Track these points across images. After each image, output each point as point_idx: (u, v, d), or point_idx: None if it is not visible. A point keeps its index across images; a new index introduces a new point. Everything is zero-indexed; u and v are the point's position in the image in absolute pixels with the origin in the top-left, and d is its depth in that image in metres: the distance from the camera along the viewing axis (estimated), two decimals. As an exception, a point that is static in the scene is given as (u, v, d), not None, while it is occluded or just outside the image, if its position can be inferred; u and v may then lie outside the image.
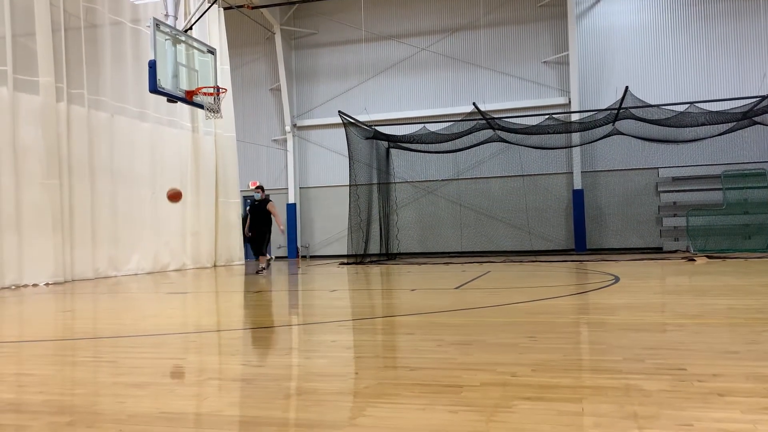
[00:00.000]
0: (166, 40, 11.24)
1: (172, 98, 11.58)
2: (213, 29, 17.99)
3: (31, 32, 12.18)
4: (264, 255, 13.55)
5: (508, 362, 3.57)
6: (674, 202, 19.02)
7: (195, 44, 12.32)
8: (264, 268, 13.42)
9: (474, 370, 3.40)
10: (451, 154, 19.56)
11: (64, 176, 12.85)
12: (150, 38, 10.97)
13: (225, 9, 19.29)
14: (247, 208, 13.62)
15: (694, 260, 13.80)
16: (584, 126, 17.62)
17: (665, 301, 6.69)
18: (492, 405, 2.68)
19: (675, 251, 18.11)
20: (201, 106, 12.28)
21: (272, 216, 13.36)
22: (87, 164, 13.57)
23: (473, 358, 3.74)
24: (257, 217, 13.36)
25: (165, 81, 11.08)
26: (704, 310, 5.60)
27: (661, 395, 2.75)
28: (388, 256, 19.33)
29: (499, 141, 18.67)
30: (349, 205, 17.48)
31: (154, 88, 10.82)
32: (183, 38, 11.82)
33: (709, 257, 14.41)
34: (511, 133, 17.93)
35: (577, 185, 19.74)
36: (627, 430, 2.28)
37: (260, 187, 13.62)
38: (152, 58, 10.81)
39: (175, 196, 12.19)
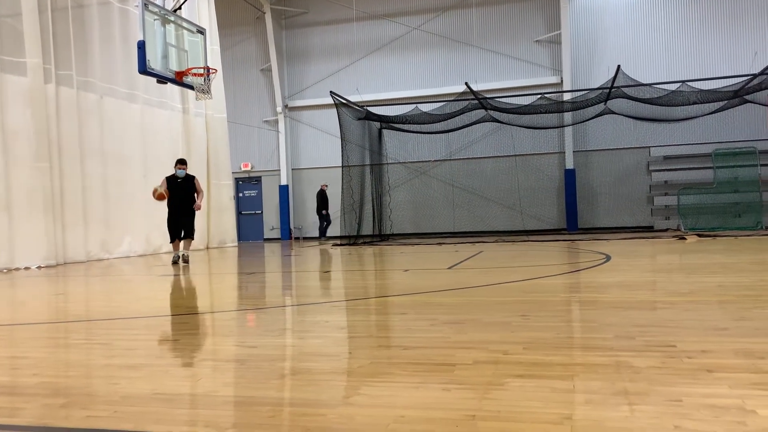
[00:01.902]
0: (155, 20, 11.10)
1: (161, 79, 11.47)
2: (202, 9, 17.78)
3: (17, 12, 12.00)
4: (192, 239, 11.81)
5: (501, 340, 3.60)
6: (665, 181, 19.09)
7: (184, 24, 12.18)
8: (188, 258, 11.61)
9: (467, 348, 3.43)
10: (443, 134, 19.51)
11: (54, 159, 12.75)
12: (139, 18, 10.83)
13: (214, -12, 19.05)
14: (161, 185, 11.31)
15: (685, 239, 13.89)
16: (576, 105, 17.61)
17: (656, 280, 6.75)
18: (485, 383, 2.71)
19: (666, 230, 18.21)
20: (191, 87, 12.17)
21: (196, 194, 11.62)
22: (77, 146, 13.47)
23: (466, 336, 3.77)
24: (184, 197, 11.37)
25: (154, 62, 10.96)
26: (694, 288, 5.65)
27: (651, 372, 2.78)
28: (381, 237, 19.36)
29: (492, 121, 18.64)
30: (342, 186, 17.45)
31: (144, 69, 10.72)
32: (172, 18, 11.68)
33: (699, 235, 14.50)
34: (504, 112, 17.89)
35: (569, 165, 19.76)
36: (617, 407, 2.32)
37: (183, 161, 11.67)
38: (141, 38, 10.68)
39: (161, 197, 11.16)
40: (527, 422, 2.20)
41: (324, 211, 20.16)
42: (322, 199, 20.23)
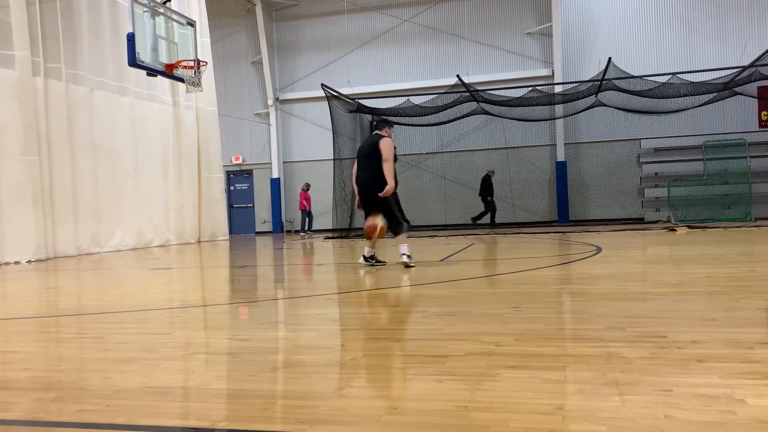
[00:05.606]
0: (144, 12, 11.03)
1: (151, 72, 11.41)
2: (192, 1, 17.66)
3: (4, 5, 11.88)
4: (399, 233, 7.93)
5: (493, 332, 3.61)
6: (656, 173, 19.17)
7: (174, 16, 12.10)
8: (377, 260, 8.33)
9: (459, 340, 3.44)
10: (435, 127, 19.51)
11: (44, 152, 12.66)
12: (128, 10, 10.75)
13: (204, -20, 18.90)
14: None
15: (675, 230, 13.96)
16: (567, 98, 17.64)
17: (646, 271, 6.78)
18: (477, 374, 2.72)
19: (656, 221, 18.31)
20: (181, 80, 12.11)
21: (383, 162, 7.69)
22: (67, 140, 13.37)
23: (458, 328, 3.78)
24: (368, 168, 7.86)
25: (144, 54, 10.89)
26: (684, 279, 5.69)
27: (642, 362, 2.80)
28: (373, 229, 19.30)
29: (483, 113, 18.64)
30: (334, 179, 17.43)
31: (134, 62, 10.65)
32: (162, 10, 11.60)
33: (689, 227, 14.59)
34: (495, 105, 17.91)
35: (560, 157, 19.81)
36: (608, 397, 2.33)
37: (388, 123, 8.17)
38: (131, 30, 10.61)
39: (371, 229, 7.91)
40: (519, 412, 2.21)
41: (489, 198, 19.24)
42: (488, 185, 19.36)
